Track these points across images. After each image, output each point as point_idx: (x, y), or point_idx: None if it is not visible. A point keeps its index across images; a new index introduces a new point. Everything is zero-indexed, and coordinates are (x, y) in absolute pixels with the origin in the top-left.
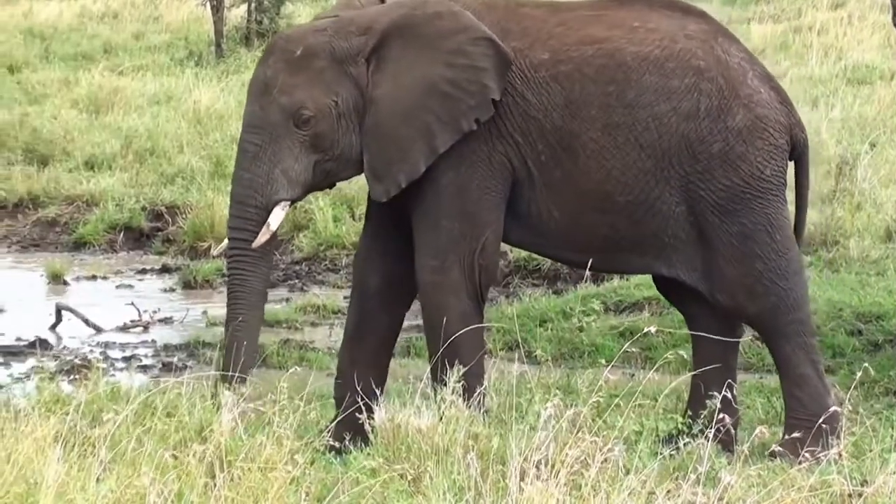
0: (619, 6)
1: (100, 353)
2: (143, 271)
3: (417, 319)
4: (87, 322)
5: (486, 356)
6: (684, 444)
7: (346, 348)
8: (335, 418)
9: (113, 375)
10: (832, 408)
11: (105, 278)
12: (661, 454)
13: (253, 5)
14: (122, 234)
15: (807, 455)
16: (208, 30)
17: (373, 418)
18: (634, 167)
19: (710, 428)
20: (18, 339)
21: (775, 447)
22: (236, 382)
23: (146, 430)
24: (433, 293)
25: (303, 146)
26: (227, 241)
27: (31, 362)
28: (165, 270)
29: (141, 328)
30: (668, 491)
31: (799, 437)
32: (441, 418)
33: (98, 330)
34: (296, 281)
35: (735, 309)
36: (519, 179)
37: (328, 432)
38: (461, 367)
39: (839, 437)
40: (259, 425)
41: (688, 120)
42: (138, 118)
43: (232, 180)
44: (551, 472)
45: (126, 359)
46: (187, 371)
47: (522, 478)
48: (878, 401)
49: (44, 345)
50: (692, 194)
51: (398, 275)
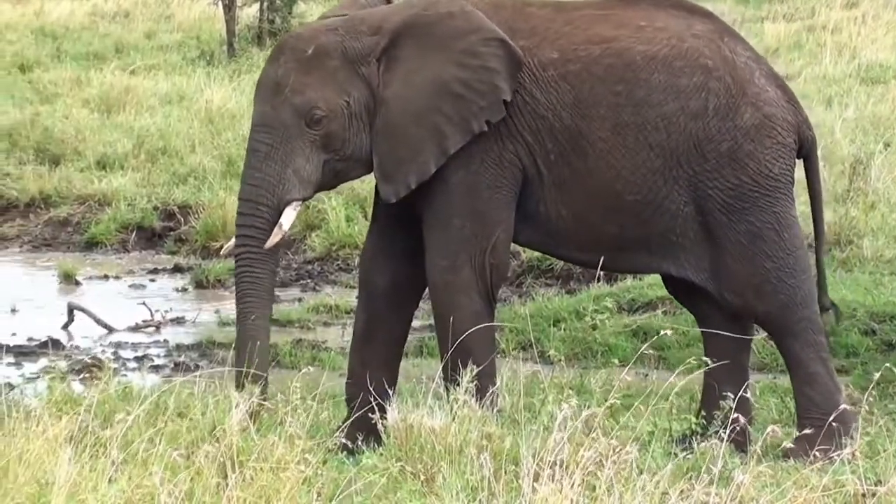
0: (626, 5)
1: (111, 353)
2: (155, 271)
3: (430, 319)
4: (99, 322)
5: (499, 356)
6: (698, 445)
7: (356, 349)
8: (347, 418)
9: (125, 375)
10: (843, 406)
11: (117, 278)
12: (675, 454)
13: (265, 4)
14: (134, 234)
15: (819, 454)
16: (220, 29)
17: (385, 418)
18: (643, 167)
19: (724, 428)
20: (30, 339)
21: (787, 445)
22: (253, 381)
23: (158, 431)
24: (444, 293)
25: (314, 146)
26: (235, 240)
27: (43, 362)
28: (177, 270)
29: (153, 328)
30: (682, 491)
31: (811, 436)
32: (454, 418)
33: (110, 330)
34: (308, 281)
35: (744, 308)
36: (528, 178)
37: (341, 432)
38: (474, 367)
39: (852, 436)
40: (271, 425)
41: (696, 119)
42: (150, 118)
43: (241, 180)
44: (565, 473)
45: (138, 359)
46: (199, 371)
47: (536, 478)
48: (893, 401)
49: (56, 344)
50: (700, 193)
51: (405, 274)
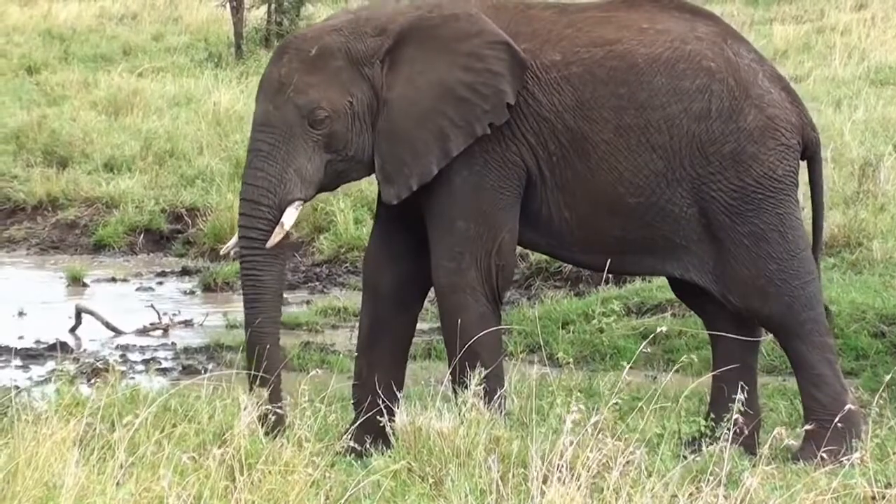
0: (628, 8)
1: (119, 356)
2: (163, 274)
3: (438, 322)
4: (107, 325)
5: (507, 358)
6: (706, 447)
7: (362, 351)
8: (355, 421)
9: (132, 378)
10: (850, 407)
11: (125, 280)
12: (684, 457)
13: (273, 6)
14: (142, 237)
15: (828, 455)
16: (228, 31)
17: (393, 420)
18: (646, 169)
19: (732, 430)
20: (38, 342)
21: (790, 442)
22: (262, 385)
23: (166, 434)
24: (450, 295)
25: (316, 146)
26: (238, 241)
27: (51, 365)
28: (185, 273)
29: (161, 331)
30: (690, 494)
31: (819, 437)
32: (462, 421)
33: (118, 332)
34: (316, 283)
35: (748, 310)
36: (532, 180)
37: (349, 435)
38: (482, 370)
39: (861, 438)
40: (281, 429)
41: (699, 121)
42: (158, 120)
43: (243, 180)
44: (573, 476)
45: (145, 361)
46: (207, 374)
47: (544, 481)
48: None
49: (63, 347)
50: (704, 196)
51: (409, 274)
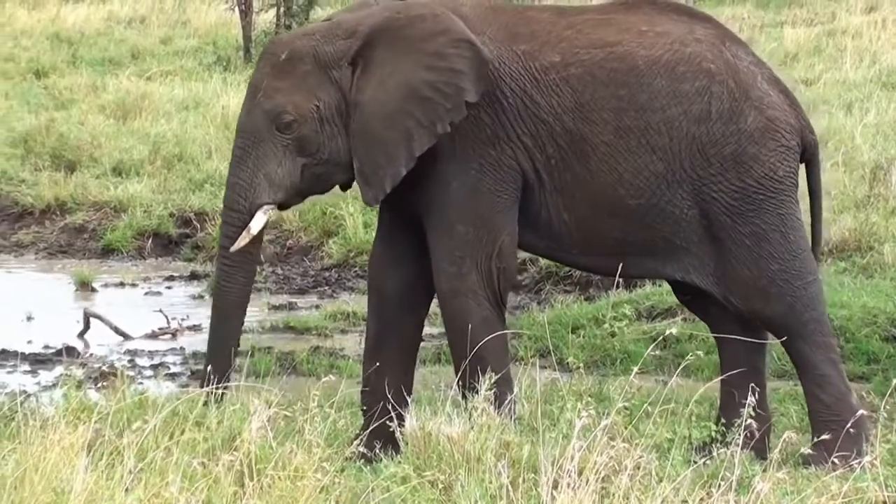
0: (627, 10)
1: (128, 361)
2: (172, 278)
3: None
4: (116, 329)
5: (517, 363)
6: (717, 452)
7: (370, 356)
8: (365, 426)
9: (141, 383)
10: (860, 411)
11: (133, 285)
12: (694, 461)
13: (282, 10)
14: (151, 241)
15: (839, 460)
16: (237, 34)
17: (403, 425)
18: (646, 170)
19: (741, 434)
20: (46, 347)
21: (805, 451)
22: (214, 391)
23: (174, 439)
24: (452, 300)
25: (287, 150)
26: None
27: (59, 370)
28: (194, 277)
29: (169, 335)
30: (701, 499)
31: (828, 440)
32: (472, 426)
33: (126, 337)
34: (325, 288)
35: (750, 312)
36: (529, 183)
37: (359, 440)
38: (492, 374)
39: (868, 440)
40: (289, 433)
41: (699, 123)
42: (166, 124)
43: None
44: (583, 481)
45: (154, 367)
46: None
47: (555, 486)
48: None
49: (71, 352)
50: (705, 197)
51: (414, 276)
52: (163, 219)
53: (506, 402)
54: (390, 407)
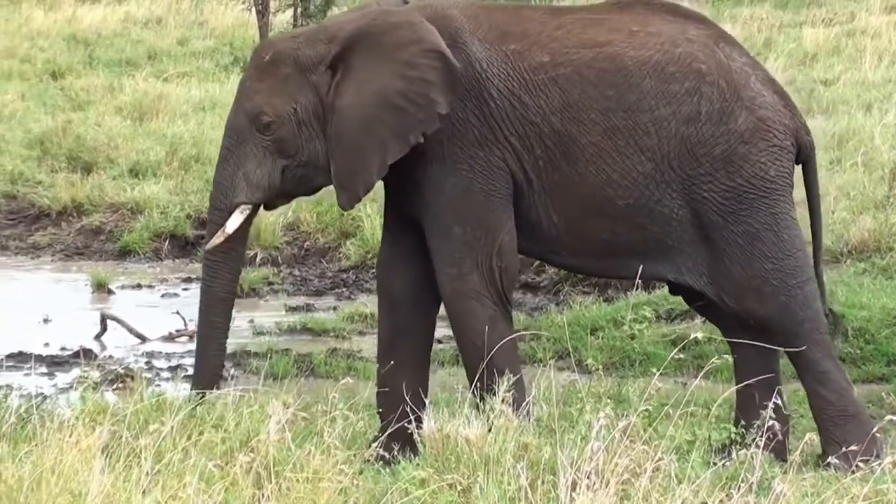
0: (620, 10)
1: (145, 363)
2: (189, 280)
3: None
4: (132, 331)
5: (537, 364)
6: (736, 454)
7: (384, 358)
8: (382, 428)
9: (158, 385)
10: (861, 404)
11: (150, 287)
12: (714, 463)
13: (299, 10)
14: (168, 242)
15: (852, 456)
16: (253, 35)
17: (421, 428)
18: (634, 171)
19: (762, 436)
20: (63, 349)
21: (832, 460)
22: (201, 389)
23: (192, 441)
24: (456, 301)
25: (266, 151)
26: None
27: (76, 372)
28: None
29: (186, 337)
30: (720, 501)
31: (838, 437)
32: (490, 428)
33: (143, 339)
34: (343, 289)
35: (745, 312)
36: (518, 185)
37: (378, 443)
38: (509, 376)
39: (877, 441)
40: (307, 435)
41: (688, 123)
42: (183, 125)
43: None
44: (602, 482)
45: (171, 368)
46: (233, 381)
47: (573, 488)
48: None
49: (88, 354)
50: (696, 197)
51: (422, 277)
52: (180, 220)
53: (523, 404)
54: (408, 409)
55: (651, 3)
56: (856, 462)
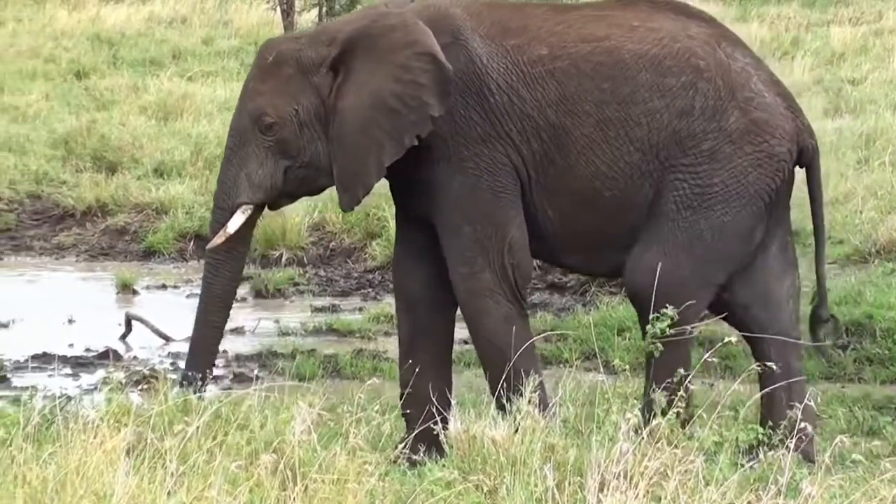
0: (624, 7)
1: (170, 364)
2: None
3: None
4: (157, 332)
5: (563, 365)
6: (765, 455)
7: (405, 359)
8: (408, 430)
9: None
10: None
11: (175, 287)
12: (742, 465)
13: (324, 10)
14: (193, 243)
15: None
16: (278, 35)
17: (447, 427)
18: (621, 161)
19: (790, 437)
20: (88, 350)
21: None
22: (193, 384)
23: (217, 442)
24: (470, 300)
25: (269, 151)
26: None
27: (101, 373)
28: None
29: None
30: (749, 502)
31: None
32: (517, 429)
33: (168, 340)
34: (369, 290)
35: (634, 287)
36: (522, 181)
37: (403, 444)
38: (530, 376)
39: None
40: (333, 436)
41: (681, 117)
42: (208, 125)
43: None
44: (630, 484)
45: None
46: (259, 381)
47: (601, 489)
48: None
49: (113, 355)
50: (668, 184)
51: (436, 275)
52: (205, 220)
53: (545, 404)
54: (434, 410)
55: (656, 2)
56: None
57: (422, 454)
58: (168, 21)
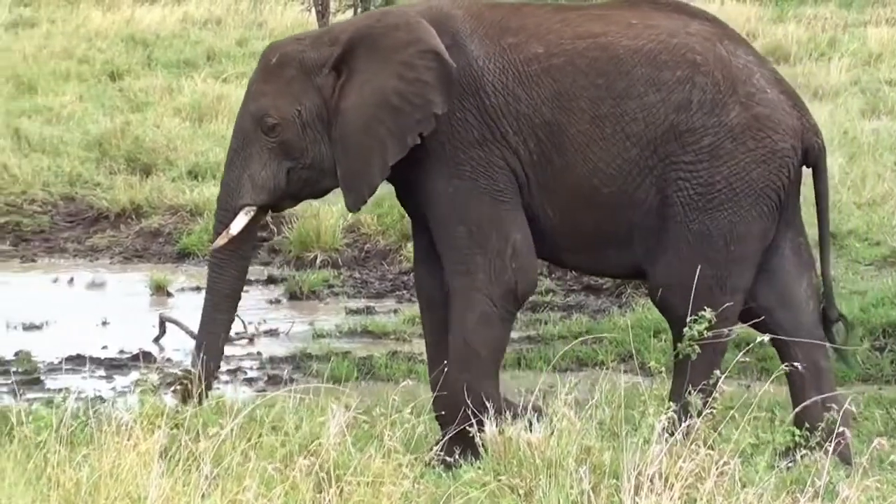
0: (625, 7)
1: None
2: (248, 282)
3: (527, 331)
4: (192, 334)
5: (599, 367)
6: (801, 457)
7: (433, 360)
8: (443, 432)
9: (217, 388)
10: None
11: None
12: (778, 467)
13: (359, 10)
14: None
15: None
16: None
17: (482, 430)
18: (619, 157)
19: (829, 440)
20: (121, 352)
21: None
22: (195, 384)
23: (252, 444)
24: (460, 295)
25: (271, 153)
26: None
27: (135, 375)
28: (271, 281)
29: (246, 340)
30: None
31: None
32: (552, 431)
33: None
34: (403, 292)
35: (667, 308)
36: (520, 182)
37: (438, 446)
38: (483, 374)
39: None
40: (368, 438)
41: (678, 112)
42: None
43: None
44: (665, 486)
45: (231, 371)
46: (293, 384)
47: (636, 492)
48: None
49: (147, 357)
50: (671, 184)
51: None
52: None
53: (494, 408)
54: (470, 412)
55: (658, 2)
56: None
57: (457, 456)
58: (202, 22)
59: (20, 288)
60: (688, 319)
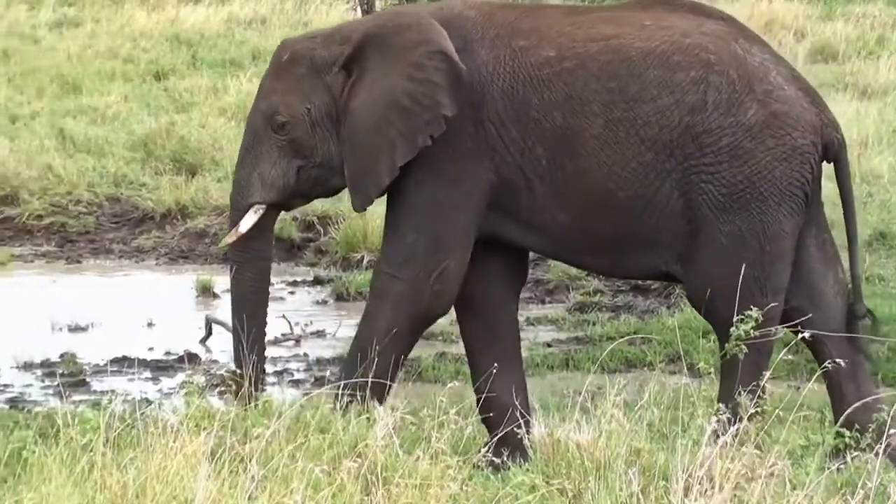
0: (637, 9)
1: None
2: (295, 283)
3: (575, 332)
4: None
5: (647, 368)
6: (852, 458)
7: (475, 364)
8: (491, 434)
9: (264, 390)
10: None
11: None
12: (829, 468)
13: None
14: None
15: None
16: None
17: (530, 431)
18: (634, 161)
19: (880, 441)
20: (168, 354)
21: None
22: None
23: (299, 446)
24: (376, 297)
25: (281, 151)
26: None
27: (181, 377)
28: (317, 282)
29: (292, 341)
30: None
31: None
32: (601, 433)
33: None
34: None
35: (708, 312)
36: (517, 191)
37: (487, 448)
38: (365, 372)
39: None
40: (415, 440)
41: (693, 113)
42: None
43: None
44: (715, 488)
45: (277, 373)
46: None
47: (686, 493)
48: None
49: (193, 359)
50: (694, 187)
51: (491, 274)
52: (285, 223)
53: (359, 399)
54: (518, 414)
55: (673, 3)
56: None
57: (505, 458)
58: (247, 22)
59: (66, 289)
60: (733, 321)
